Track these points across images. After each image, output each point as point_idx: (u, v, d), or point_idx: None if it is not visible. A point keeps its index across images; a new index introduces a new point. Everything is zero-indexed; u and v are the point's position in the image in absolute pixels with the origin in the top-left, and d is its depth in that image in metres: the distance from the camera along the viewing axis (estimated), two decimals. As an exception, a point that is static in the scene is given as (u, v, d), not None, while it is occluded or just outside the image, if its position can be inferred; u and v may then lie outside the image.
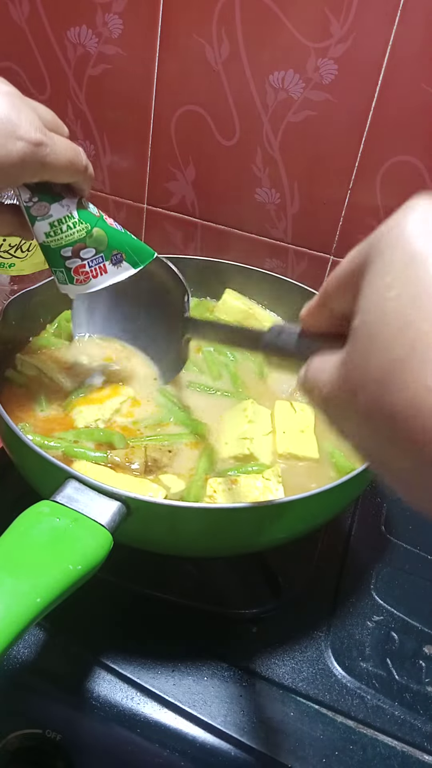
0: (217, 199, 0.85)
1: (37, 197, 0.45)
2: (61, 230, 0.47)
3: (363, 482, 0.55)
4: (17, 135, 0.39)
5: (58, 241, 0.47)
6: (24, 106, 0.40)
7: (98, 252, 0.49)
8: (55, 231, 0.47)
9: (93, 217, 0.48)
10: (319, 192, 0.79)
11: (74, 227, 0.47)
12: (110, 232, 0.49)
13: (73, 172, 0.45)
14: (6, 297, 0.65)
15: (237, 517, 0.46)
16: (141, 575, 0.56)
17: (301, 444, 0.58)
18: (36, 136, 0.40)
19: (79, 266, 0.49)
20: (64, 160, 0.43)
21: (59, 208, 0.46)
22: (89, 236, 0.48)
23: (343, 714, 0.49)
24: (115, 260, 0.50)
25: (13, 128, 0.39)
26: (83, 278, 0.50)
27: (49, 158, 0.41)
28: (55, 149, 0.42)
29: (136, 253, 0.52)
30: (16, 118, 0.39)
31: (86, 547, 0.39)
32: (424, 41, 0.65)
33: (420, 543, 0.65)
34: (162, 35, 0.76)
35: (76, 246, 0.48)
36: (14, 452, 0.51)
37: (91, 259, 0.49)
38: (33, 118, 0.40)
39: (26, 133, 0.39)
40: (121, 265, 0.51)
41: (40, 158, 0.41)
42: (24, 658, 0.49)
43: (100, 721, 0.47)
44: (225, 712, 0.48)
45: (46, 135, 0.41)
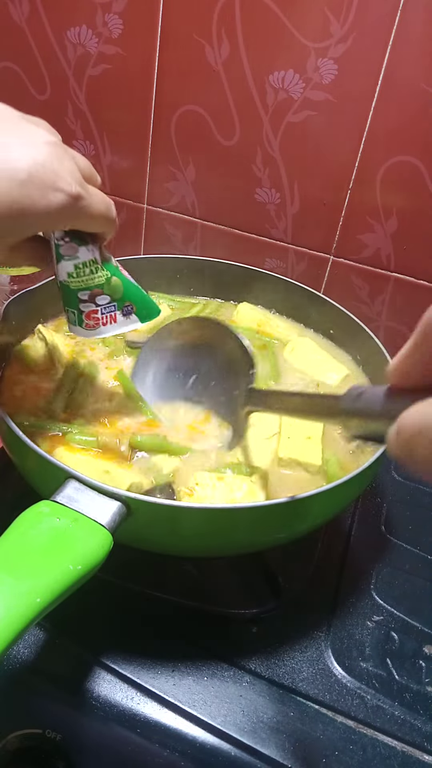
0: (217, 199, 0.85)
1: (68, 238, 0.46)
2: (84, 273, 0.48)
3: (363, 482, 0.55)
4: (58, 186, 0.39)
5: (78, 283, 0.48)
6: (66, 157, 0.41)
7: (112, 300, 0.50)
8: (78, 273, 0.48)
9: (113, 266, 0.49)
10: (319, 192, 0.79)
11: (96, 272, 0.48)
12: (126, 283, 0.50)
13: (104, 224, 0.45)
14: (6, 297, 0.65)
15: (237, 517, 0.46)
16: (141, 575, 0.56)
17: (304, 450, 0.57)
18: (75, 189, 0.40)
19: (92, 311, 0.50)
20: (98, 213, 0.43)
21: (86, 251, 0.47)
22: (108, 284, 0.49)
23: (343, 714, 0.49)
24: (125, 311, 0.51)
25: (54, 179, 0.39)
26: (93, 323, 0.51)
27: (84, 211, 0.42)
28: (91, 202, 0.42)
29: (145, 307, 0.53)
30: (59, 169, 0.39)
31: (86, 547, 0.39)
32: (424, 41, 0.65)
33: (420, 543, 0.65)
34: (162, 35, 0.76)
35: (94, 291, 0.49)
36: (14, 452, 0.51)
37: (105, 306, 0.50)
38: (74, 170, 0.41)
39: (67, 186, 0.40)
40: (131, 317, 0.52)
41: (76, 210, 0.41)
42: (24, 658, 0.50)
43: (100, 721, 0.47)
44: (225, 712, 0.48)
45: (84, 188, 0.41)
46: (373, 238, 0.79)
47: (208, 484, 0.52)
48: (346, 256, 0.82)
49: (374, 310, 0.84)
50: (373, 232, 0.78)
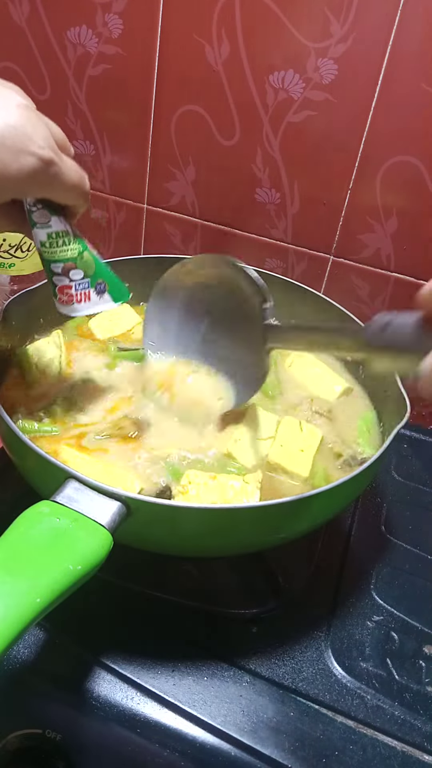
0: (217, 199, 0.85)
1: (41, 204, 0.46)
2: (57, 244, 0.47)
3: (363, 482, 0.55)
4: (30, 150, 0.39)
5: (51, 254, 0.48)
6: (39, 122, 0.40)
7: (86, 276, 0.50)
8: (51, 243, 0.47)
9: (83, 242, 0.49)
10: (319, 192, 0.79)
11: (68, 244, 0.48)
12: (96, 261, 0.50)
13: (76, 195, 0.45)
14: (6, 297, 0.65)
15: (237, 517, 0.46)
16: (141, 575, 0.56)
17: (294, 460, 0.56)
18: (48, 154, 0.40)
19: (65, 287, 0.50)
20: (70, 182, 0.43)
21: (58, 222, 0.47)
22: (80, 257, 0.49)
23: (343, 714, 0.49)
24: (99, 289, 0.51)
25: (27, 142, 0.39)
26: (66, 299, 0.50)
27: (57, 178, 0.41)
28: (63, 170, 0.42)
29: (117, 288, 0.52)
30: (31, 132, 0.39)
31: (86, 547, 0.39)
32: (424, 41, 0.65)
33: (420, 543, 0.65)
34: (162, 35, 0.76)
35: (67, 264, 0.49)
36: (14, 452, 0.51)
37: (78, 282, 0.50)
38: (47, 134, 0.40)
39: (39, 150, 0.39)
40: (104, 296, 0.52)
41: (49, 176, 0.41)
42: (24, 658, 0.50)
43: (100, 721, 0.47)
44: (225, 712, 0.48)
45: (57, 154, 0.41)
46: (373, 238, 0.79)
47: (201, 483, 0.52)
48: (346, 256, 0.82)
49: (374, 310, 0.84)
50: (373, 232, 0.78)
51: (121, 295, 0.53)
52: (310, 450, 0.58)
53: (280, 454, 0.57)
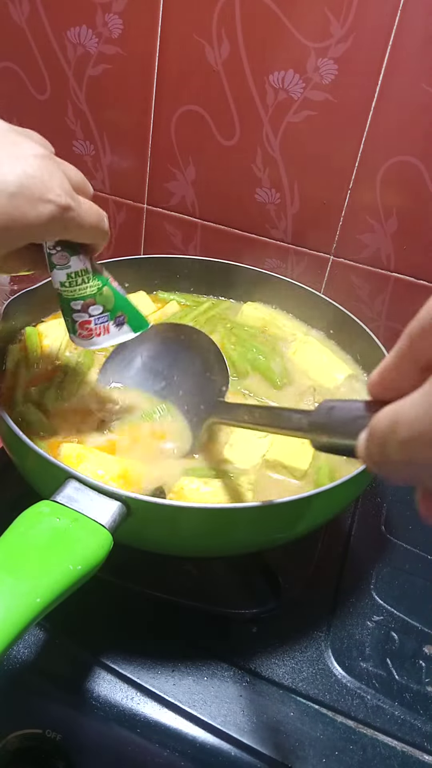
0: (217, 199, 0.85)
1: (60, 247, 0.46)
2: (76, 283, 0.48)
3: (363, 482, 0.55)
4: (47, 198, 0.39)
5: (71, 293, 0.48)
6: (56, 169, 0.41)
7: (105, 311, 0.50)
8: (70, 282, 0.48)
9: (104, 277, 0.49)
10: (319, 192, 0.79)
11: (88, 282, 0.48)
12: (116, 294, 0.51)
13: (95, 235, 0.45)
14: (6, 297, 0.65)
15: (237, 517, 0.46)
16: (141, 575, 0.56)
17: (293, 454, 0.56)
18: (65, 201, 0.40)
19: (85, 322, 0.50)
20: (88, 224, 0.44)
21: (77, 261, 0.47)
22: (100, 294, 0.49)
23: (343, 714, 0.49)
24: (118, 322, 0.52)
25: (44, 191, 0.39)
26: (86, 333, 0.51)
27: (74, 222, 0.42)
28: (81, 213, 0.42)
29: (136, 318, 0.53)
30: (48, 180, 0.40)
31: (86, 547, 0.39)
32: (424, 41, 0.65)
33: (420, 543, 0.65)
34: (162, 35, 0.76)
35: (87, 301, 0.49)
36: (14, 452, 0.51)
37: (98, 317, 0.50)
38: (63, 181, 0.41)
39: (56, 197, 0.40)
40: (122, 327, 0.52)
41: (66, 221, 0.41)
42: (24, 658, 0.50)
43: (100, 721, 0.47)
44: (225, 712, 0.48)
45: (74, 199, 0.42)
46: (373, 238, 0.79)
47: (194, 488, 0.52)
48: (346, 256, 0.82)
49: (374, 310, 0.84)
50: (373, 232, 0.78)
51: (140, 326, 0.53)
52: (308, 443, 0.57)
53: (278, 451, 0.57)
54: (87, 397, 0.61)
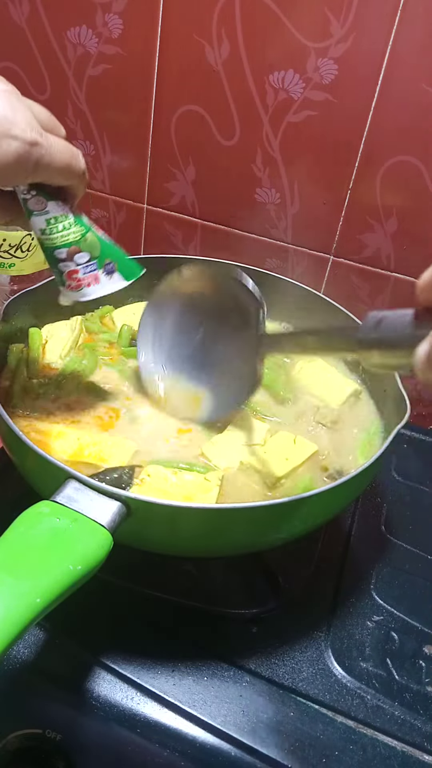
0: (217, 199, 0.85)
1: (34, 191, 0.44)
2: (57, 229, 0.46)
3: (363, 482, 0.55)
4: (12, 134, 0.38)
5: (53, 241, 0.47)
6: (20, 105, 0.40)
7: (92, 258, 0.48)
8: (51, 229, 0.46)
9: (85, 223, 0.47)
10: (319, 192, 0.79)
11: (69, 228, 0.46)
12: (102, 241, 0.49)
13: (69, 175, 0.44)
14: (6, 297, 0.65)
15: (237, 517, 0.46)
16: (141, 575, 0.56)
17: (271, 462, 0.55)
18: (31, 135, 0.39)
19: (72, 271, 0.48)
20: (60, 161, 0.42)
21: (56, 206, 0.45)
22: (84, 240, 0.47)
23: (343, 714, 0.49)
24: (107, 270, 0.49)
25: (8, 127, 0.38)
26: (75, 284, 0.49)
27: (44, 159, 0.41)
28: (51, 150, 0.41)
29: (127, 265, 0.50)
30: (12, 116, 0.38)
31: (86, 547, 0.39)
32: (424, 41, 0.65)
33: (420, 543, 0.65)
34: (162, 35, 0.76)
35: (71, 249, 0.47)
36: (14, 452, 0.51)
37: (85, 265, 0.48)
38: (29, 117, 0.40)
39: (22, 132, 0.39)
40: (113, 276, 0.50)
41: (35, 158, 0.40)
42: (24, 658, 0.49)
43: (100, 721, 0.47)
44: (225, 712, 0.48)
45: (42, 135, 0.40)
46: (373, 238, 0.79)
47: (161, 476, 0.52)
48: (346, 256, 0.82)
49: (374, 310, 0.84)
50: (373, 232, 0.78)
51: (132, 273, 0.51)
52: (295, 460, 0.56)
53: (259, 457, 0.55)
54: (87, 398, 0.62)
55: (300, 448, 0.57)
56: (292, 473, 0.56)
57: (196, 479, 0.52)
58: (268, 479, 0.54)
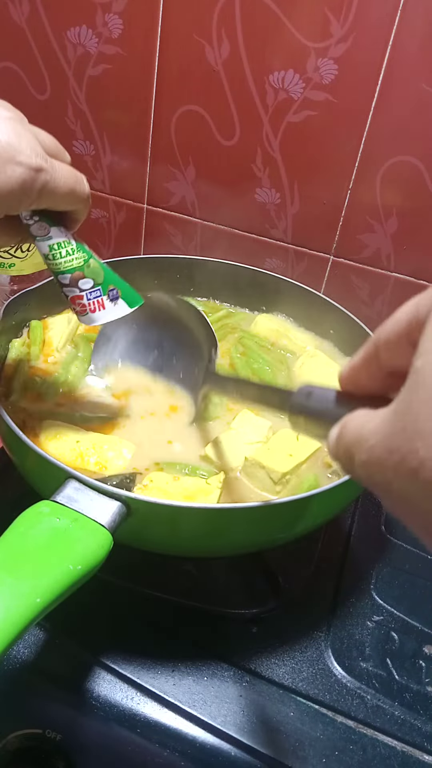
0: (217, 199, 0.85)
1: (37, 216, 0.45)
2: (60, 255, 0.46)
3: (363, 482, 0.55)
4: (17, 160, 0.38)
5: (57, 266, 0.47)
6: (25, 132, 0.40)
7: (96, 285, 0.48)
8: (53, 255, 0.46)
9: (87, 250, 0.48)
10: (319, 192, 0.79)
11: (72, 254, 0.47)
12: (104, 268, 0.49)
13: (74, 200, 0.44)
14: (6, 297, 0.65)
15: (237, 517, 0.46)
16: (141, 575, 0.56)
17: (275, 459, 0.55)
18: (36, 161, 0.39)
19: (77, 297, 0.48)
20: (64, 187, 0.42)
21: (58, 232, 0.46)
22: (87, 266, 0.47)
23: (343, 714, 0.49)
24: (111, 296, 0.50)
25: (13, 153, 0.38)
26: (80, 309, 0.49)
27: (49, 185, 0.41)
28: (56, 176, 0.41)
29: (129, 293, 0.51)
30: (16, 143, 0.38)
31: (86, 547, 0.39)
32: (424, 41, 0.65)
33: (420, 543, 0.65)
34: (162, 35, 0.76)
35: (75, 274, 0.47)
36: (14, 452, 0.51)
37: (89, 291, 0.48)
38: (34, 143, 0.40)
39: (26, 159, 0.39)
40: (118, 302, 0.50)
41: (40, 184, 0.40)
42: (24, 658, 0.50)
43: (100, 721, 0.47)
44: (225, 712, 0.48)
45: (46, 161, 0.40)
46: (373, 238, 0.79)
47: (163, 480, 0.52)
48: (346, 256, 0.82)
49: (374, 310, 0.84)
50: (373, 232, 0.78)
51: (135, 301, 0.51)
52: (299, 456, 0.56)
53: (262, 454, 0.55)
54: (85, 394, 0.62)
55: (303, 445, 0.58)
56: (296, 470, 0.56)
57: (197, 483, 0.52)
58: (273, 475, 0.54)
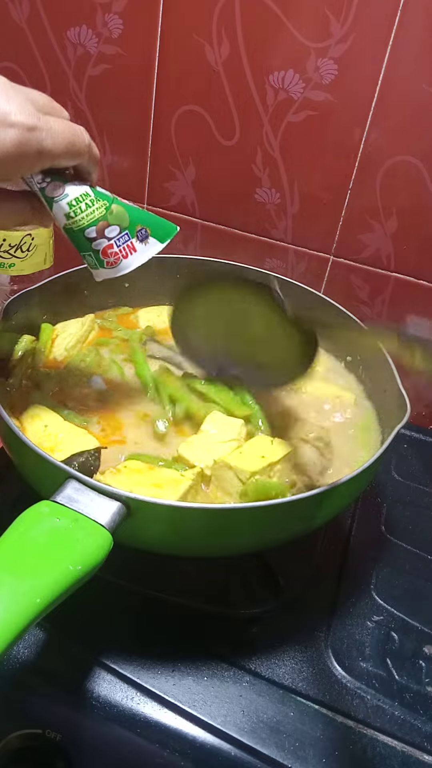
0: (217, 199, 0.85)
1: (49, 177, 0.44)
2: (81, 209, 0.45)
3: (363, 482, 0.55)
4: (8, 122, 0.38)
5: (80, 222, 0.46)
6: (14, 93, 0.39)
7: (123, 229, 0.47)
8: (75, 211, 0.45)
9: (108, 195, 0.47)
10: (319, 192, 0.79)
11: (93, 204, 0.45)
12: (129, 209, 0.47)
13: (75, 154, 0.43)
14: (6, 297, 0.65)
15: (237, 517, 0.46)
16: (141, 575, 0.56)
17: (244, 461, 0.54)
18: (29, 120, 0.38)
19: (107, 247, 0.47)
20: (63, 142, 0.41)
21: (74, 187, 0.45)
22: (110, 213, 0.46)
23: (343, 714, 0.49)
24: (141, 236, 0.48)
25: (3, 116, 0.37)
26: (113, 260, 0.48)
27: (45, 142, 0.40)
28: (52, 132, 0.40)
29: (160, 227, 0.49)
30: (6, 105, 0.38)
31: (86, 547, 0.39)
32: (424, 41, 0.65)
33: (420, 543, 0.65)
34: (162, 35, 0.76)
35: (100, 225, 0.46)
36: (14, 452, 0.51)
37: (118, 238, 0.47)
38: (24, 103, 0.39)
39: (18, 119, 0.38)
40: (148, 241, 0.49)
41: (36, 143, 0.39)
42: (24, 658, 0.49)
43: (100, 721, 0.47)
44: (225, 712, 0.48)
45: (39, 119, 0.39)
46: (373, 238, 0.79)
47: (137, 468, 0.52)
48: (346, 256, 0.82)
49: (374, 310, 0.84)
50: (373, 232, 0.78)
51: (167, 233, 0.50)
52: (271, 457, 0.55)
53: (233, 456, 0.55)
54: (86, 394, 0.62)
55: (277, 447, 0.56)
56: (267, 470, 0.55)
57: (171, 474, 0.52)
58: (241, 475, 0.53)
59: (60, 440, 0.54)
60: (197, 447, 0.56)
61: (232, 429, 0.58)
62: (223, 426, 0.58)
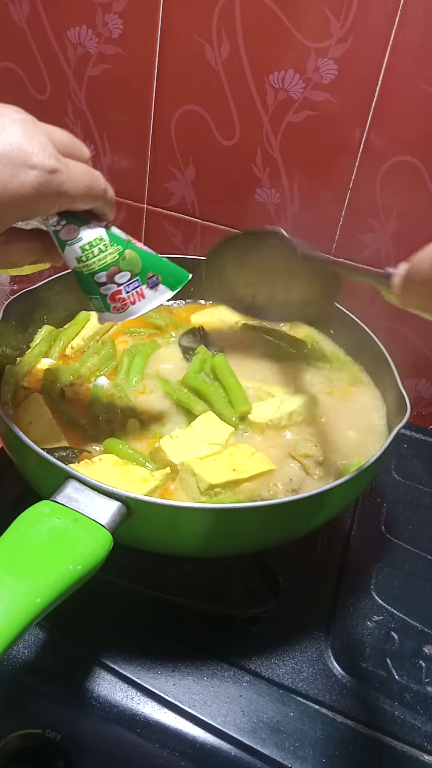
0: (217, 199, 0.85)
1: (65, 220, 0.43)
2: (93, 254, 0.45)
3: (363, 482, 0.55)
4: (30, 163, 0.37)
5: (91, 266, 0.45)
6: (37, 133, 0.38)
7: (134, 276, 0.47)
8: (87, 255, 0.44)
9: (123, 240, 0.46)
10: (319, 192, 0.79)
11: (106, 250, 0.45)
12: (143, 254, 0.47)
13: (92, 198, 0.43)
14: (6, 297, 0.65)
15: (237, 517, 0.46)
16: (141, 575, 0.56)
17: (212, 471, 0.53)
18: (50, 163, 0.38)
19: (115, 292, 0.47)
20: (82, 186, 0.41)
21: (88, 231, 0.44)
22: (122, 259, 0.46)
23: (343, 714, 0.49)
24: (151, 283, 0.48)
25: (25, 157, 0.37)
26: (120, 305, 0.47)
27: (65, 186, 0.39)
28: (72, 176, 0.40)
29: (172, 274, 0.49)
30: (28, 145, 0.37)
31: (86, 547, 0.39)
32: (424, 41, 0.65)
33: (420, 543, 0.65)
34: (162, 35, 0.76)
35: (111, 270, 0.46)
36: (14, 452, 0.51)
37: (128, 284, 0.47)
38: (46, 144, 0.39)
39: (39, 161, 0.37)
40: (158, 288, 0.48)
41: (55, 186, 0.39)
42: (24, 658, 0.50)
43: (100, 721, 0.47)
44: (225, 712, 0.48)
45: (60, 161, 0.39)
46: (373, 238, 0.79)
47: (109, 462, 0.52)
48: (346, 256, 0.82)
49: (374, 310, 0.84)
50: (373, 232, 0.78)
51: (179, 280, 0.49)
52: (240, 474, 0.54)
53: (202, 463, 0.54)
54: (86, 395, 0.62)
55: (255, 462, 0.55)
56: (231, 485, 0.53)
57: (140, 472, 0.52)
58: (201, 484, 0.52)
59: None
60: (179, 443, 0.56)
61: (220, 433, 0.57)
62: (212, 428, 0.58)
